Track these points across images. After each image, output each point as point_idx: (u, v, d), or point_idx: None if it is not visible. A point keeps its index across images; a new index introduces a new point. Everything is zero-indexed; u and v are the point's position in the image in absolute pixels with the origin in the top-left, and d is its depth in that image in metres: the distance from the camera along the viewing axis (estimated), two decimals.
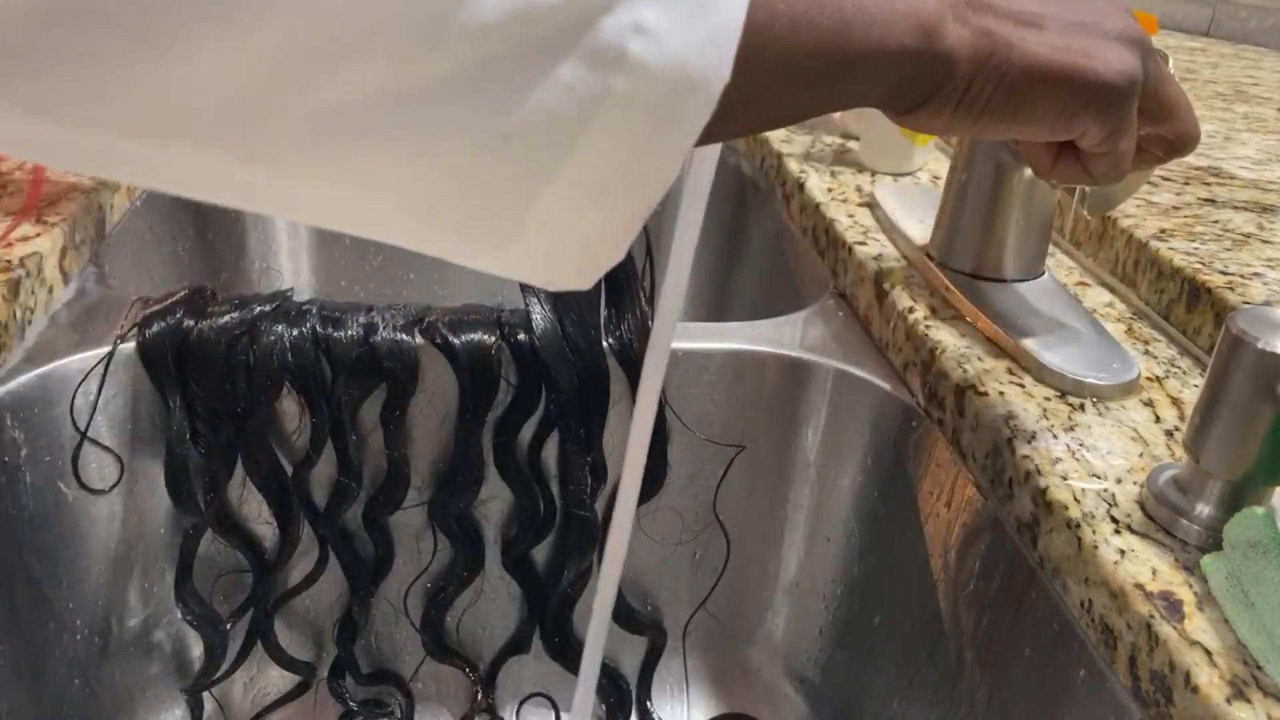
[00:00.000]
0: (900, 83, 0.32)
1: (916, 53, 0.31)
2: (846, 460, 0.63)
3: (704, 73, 0.24)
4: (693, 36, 0.23)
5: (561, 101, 0.23)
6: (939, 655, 0.54)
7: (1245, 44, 1.38)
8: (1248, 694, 0.34)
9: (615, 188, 0.25)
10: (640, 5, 0.22)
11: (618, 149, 0.24)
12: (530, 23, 0.22)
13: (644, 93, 0.23)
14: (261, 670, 0.65)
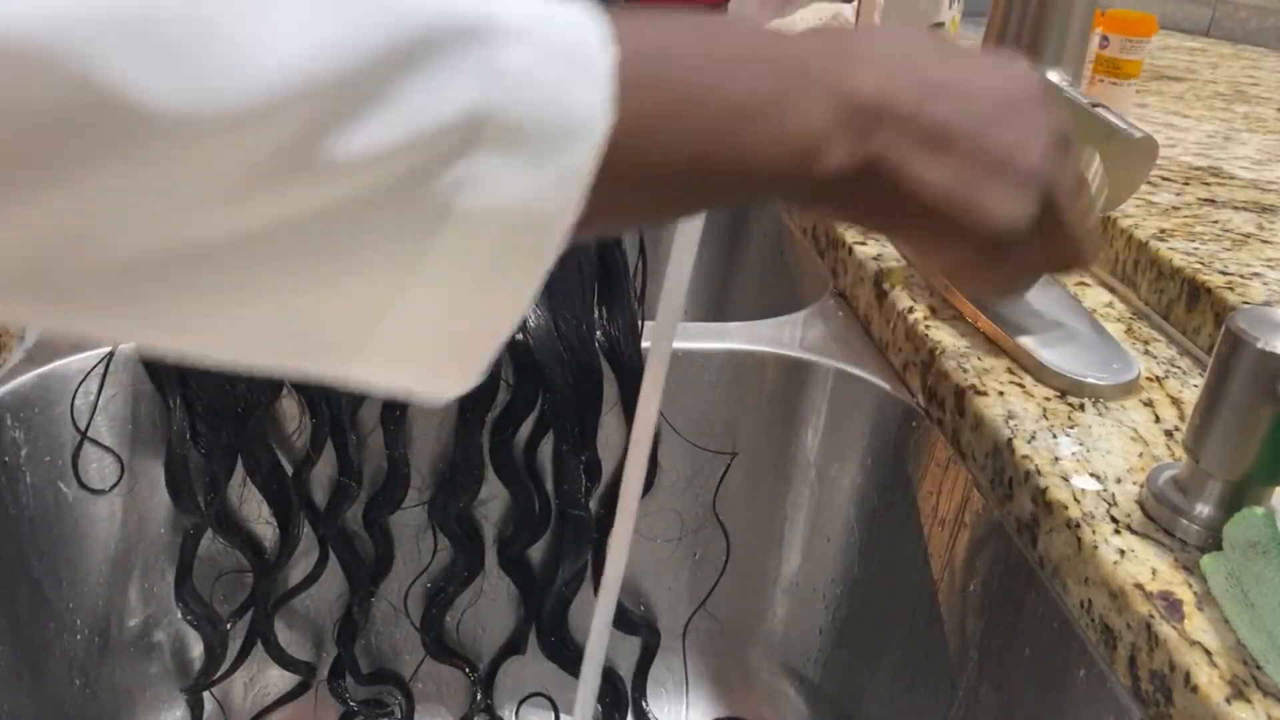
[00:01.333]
0: (776, 192, 0.31)
1: (789, 175, 0.30)
2: (846, 460, 0.63)
3: (548, 215, 0.23)
4: (537, 180, 0.23)
5: (390, 255, 0.22)
6: (939, 655, 0.54)
7: (1245, 44, 1.38)
8: (1247, 694, 0.34)
9: (455, 322, 0.25)
10: (481, 156, 0.22)
11: (450, 292, 0.24)
12: (366, 173, 0.21)
13: (476, 239, 0.23)
14: (261, 670, 0.65)
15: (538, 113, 0.22)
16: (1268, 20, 1.38)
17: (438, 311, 0.24)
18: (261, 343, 0.24)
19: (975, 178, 0.33)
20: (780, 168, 0.30)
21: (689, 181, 0.28)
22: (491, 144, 0.22)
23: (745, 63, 0.28)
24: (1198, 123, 0.91)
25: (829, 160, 0.30)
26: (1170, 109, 0.96)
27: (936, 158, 0.32)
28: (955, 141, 0.32)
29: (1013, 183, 0.33)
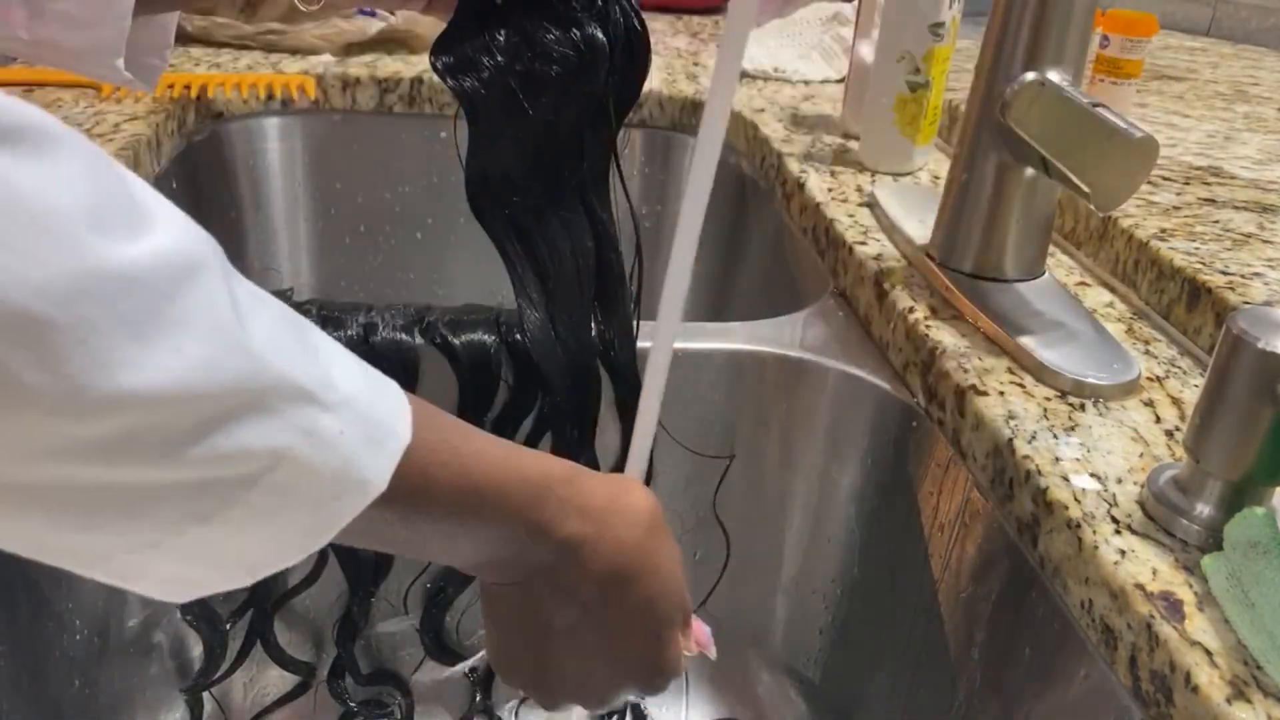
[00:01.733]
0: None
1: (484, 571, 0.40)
2: (846, 460, 0.63)
3: (303, 539, 0.30)
4: (302, 515, 0.29)
5: (167, 526, 0.27)
6: (939, 655, 0.54)
7: (1245, 44, 1.38)
8: (1248, 694, 0.34)
9: (199, 576, 0.30)
10: (267, 484, 0.27)
11: (205, 554, 0.29)
12: (183, 469, 0.26)
13: (234, 542, 0.28)
14: (261, 670, 0.65)
15: (328, 468, 0.28)
16: (1268, 20, 1.38)
17: (188, 568, 0.29)
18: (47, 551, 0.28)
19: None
20: (476, 568, 0.39)
21: (414, 547, 0.36)
22: (283, 478, 0.27)
23: (491, 485, 0.35)
24: (1198, 122, 0.91)
25: (499, 579, 0.39)
26: (1171, 109, 0.96)
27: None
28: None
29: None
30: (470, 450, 0.34)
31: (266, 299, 0.28)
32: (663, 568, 0.40)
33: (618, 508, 0.39)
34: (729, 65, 0.40)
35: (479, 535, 0.36)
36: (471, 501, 0.34)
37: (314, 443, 0.27)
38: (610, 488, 0.39)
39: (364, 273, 0.99)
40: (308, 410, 0.27)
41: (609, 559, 0.38)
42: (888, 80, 0.77)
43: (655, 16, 1.37)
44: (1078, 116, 0.51)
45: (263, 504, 0.27)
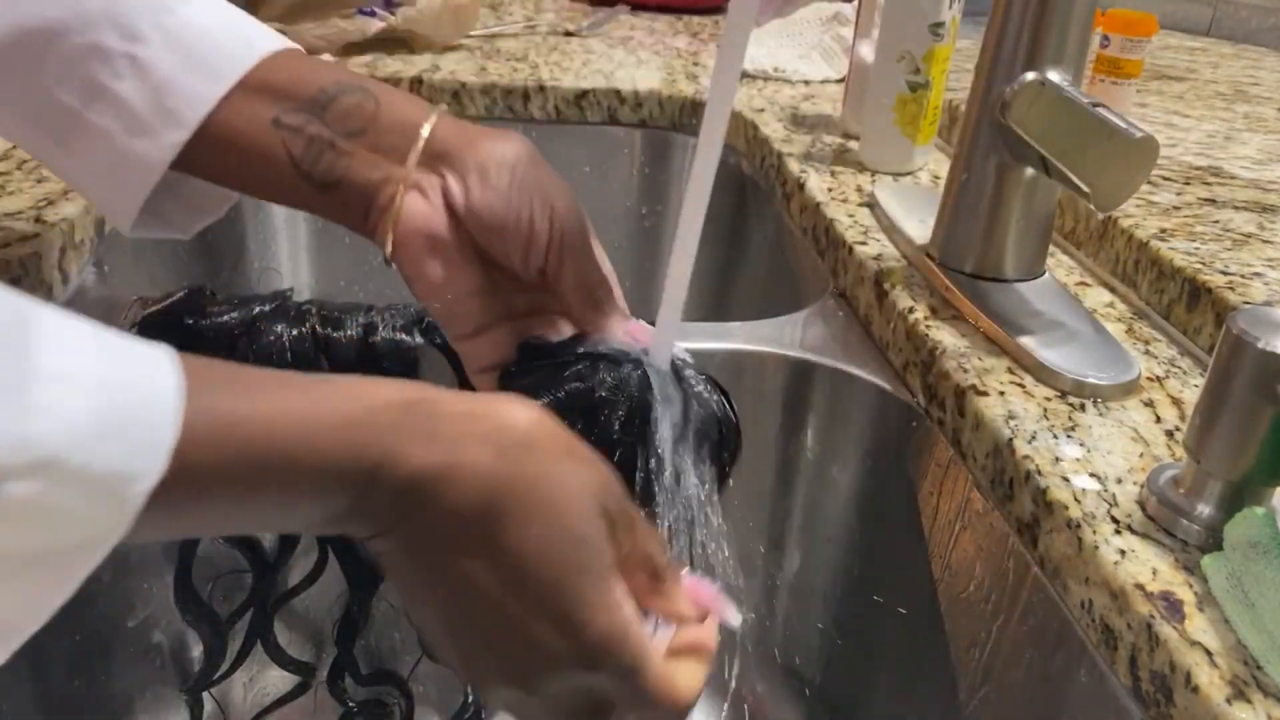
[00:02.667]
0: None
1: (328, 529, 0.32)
2: (846, 460, 0.63)
3: (87, 543, 0.26)
4: (81, 519, 0.25)
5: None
6: (939, 655, 0.54)
7: (1246, 44, 1.38)
8: (1248, 694, 0.34)
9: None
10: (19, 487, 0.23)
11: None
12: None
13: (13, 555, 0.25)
14: (261, 671, 0.65)
15: (25, 544, 0.24)
16: (1268, 20, 1.38)
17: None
18: None
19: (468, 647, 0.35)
20: (315, 527, 0.32)
21: (234, 528, 0.33)
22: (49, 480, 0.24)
23: (293, 446, 0.30)
24: (1198, 122, 0.91)
25: (359, 534, 0.32)
26: (1171, 109, 0.96)
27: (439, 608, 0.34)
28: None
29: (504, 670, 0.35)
30: (261, 418, 0.29)
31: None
32: (553, 499, 0.32)
33: (477, 428, 0.32)
34: (729, 65, 0.40)
35: (305, 501, 0.30)
36: (277, 474, 0.29)
37: (85, 438, 0.24)
38: (470, 404, 0.33)
39: (364, 273, 0.99)
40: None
41: (468, 492, 0.31)
42: (888, 80, 0.77)
43: (655, 16, 1.37)
44: (1078, 116, 0.51)
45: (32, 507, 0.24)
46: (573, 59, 1.10)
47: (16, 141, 0.47)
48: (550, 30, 1.24)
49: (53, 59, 0.42)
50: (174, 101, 0.43)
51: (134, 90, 0.43)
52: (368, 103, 0.45)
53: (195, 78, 0.43)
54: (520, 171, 0.44)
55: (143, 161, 0.43)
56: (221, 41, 0.44)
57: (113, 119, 0.43)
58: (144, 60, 0.43)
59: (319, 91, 0.44)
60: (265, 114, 0.44)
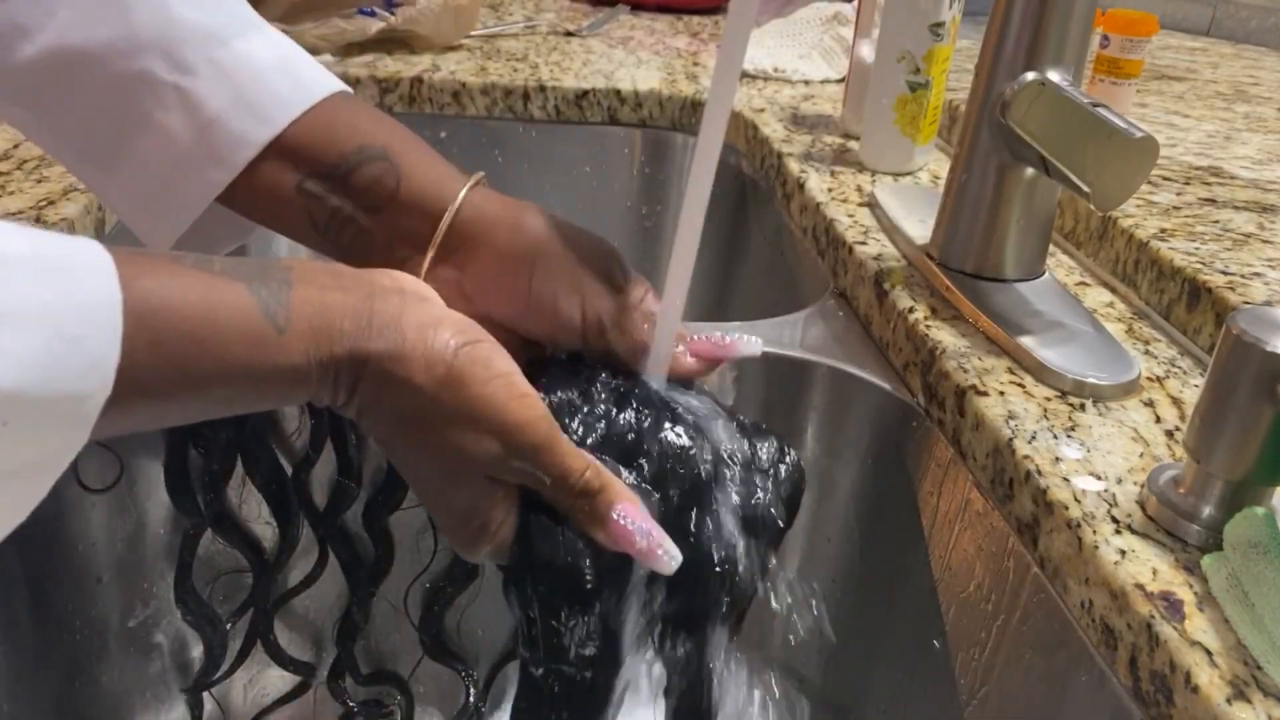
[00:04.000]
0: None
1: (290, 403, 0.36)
2: (846, 460, 0.63)
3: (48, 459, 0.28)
4: (37, 443, 0.27)
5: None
6: (939, 655, 0.54)
7: (1246, 44, 1.38)
8: (1248, 694, 0.34)
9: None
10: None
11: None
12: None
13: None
14: (261, 670, 0.65)
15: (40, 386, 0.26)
16: (1269, 20, 1.38)
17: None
18: None
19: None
20: (277, 403, 0.35)
21: (195, 409, 0.33)
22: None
23: (241, 323, 0.32)
24: (1198, 122, 0.91)
25: (322, 403, 0.36)
26: (1171, 109, 0.96)
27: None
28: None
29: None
30: (202, 318, 0.31)
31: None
32: (447, 460, 0.37)
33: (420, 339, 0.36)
34: (729, 65, 0.40)
35: (265, 392, 0.34)
36: (220, 378, 0.32)
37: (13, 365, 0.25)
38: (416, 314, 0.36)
39: None
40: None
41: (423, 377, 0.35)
42: (888, 80, 0.77)
43: (655, 16, 1.37)
44: (1078, 116, 0.51)
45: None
46: (573, 59, 1.10)
47: (64, 164, 0.46)
48: (550, 30, 1.24)
49: (99, 81, 0.41)
50: (220, 141, 0.42)
51: (180, 124, 0.42)
52: (389, 177, 0.43)
53: (243, 118, 0.42)
54: (545, 267, 0.43)
55: (183, 197, 0.43)
56: (272, 82, 0.43)
57: (156, 151, 0.42)
58: (192, 94, 0.42)
59: (340, 159, 0.43)
60: (290, 179, 0.43)
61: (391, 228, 0.44)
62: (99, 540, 0.58)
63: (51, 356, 0.26)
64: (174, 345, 0.30)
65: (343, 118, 0.44)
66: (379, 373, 0.35)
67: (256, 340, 0.32)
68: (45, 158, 0.69)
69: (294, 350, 0.33)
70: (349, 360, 0.35)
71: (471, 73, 1.00)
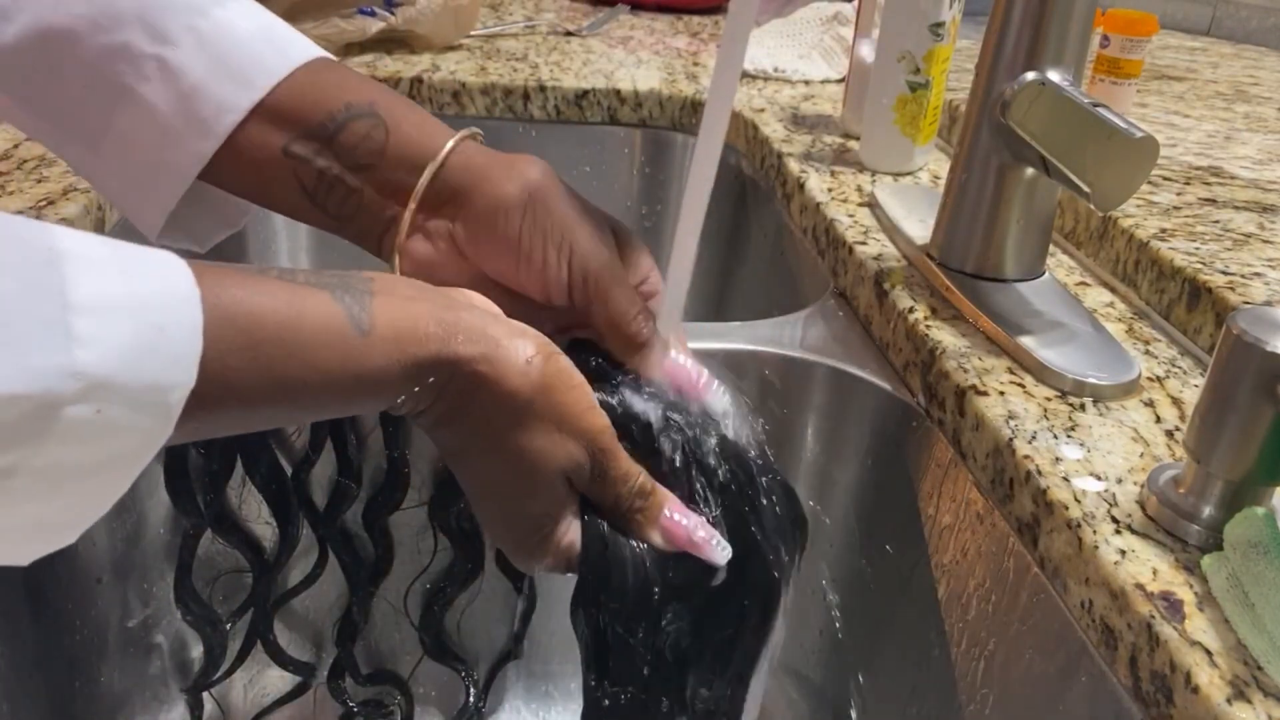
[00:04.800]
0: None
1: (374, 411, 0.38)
2: (846, 460, 0.63)
3: (133, 454, 0.29)
4: (123, 437, 0.28)
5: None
6: (939, 655, 0.54)
7: (1246, 44, 1.38)
8: (1248, 694, 0.34)
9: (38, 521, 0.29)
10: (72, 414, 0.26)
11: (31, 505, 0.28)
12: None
13: (66, 466, 0.28)
14: (261, 670, 0.65)
15: (86, 455, 0.27)
16: (1269, 20, 1.38)
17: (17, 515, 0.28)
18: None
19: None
20: (361, 409, 0.36)
21: (281, 413, 0.34)
22: (21, 485, 0.27)
23: (329, 334, 0.33)
24: (1198, 122, 0.91)
25: (400, 411, 0.36)
26: (1171, 109, 0.96)
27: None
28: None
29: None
30: (290, 343, 0.32)
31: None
32: (519, 468, 0.38)
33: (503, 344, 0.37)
34: (729, 65, 0.40)
35: (340, 396, 0.34)
36: (304, 387, 0.33)
37: (58, 440, 0.26)
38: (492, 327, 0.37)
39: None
40: (38, 419, 0.26)
41: (516, 380, 0.36)
42: (888, 80, 0.77)
43: (655, 16, 1.37)
44: (1078, 116, 0.51)
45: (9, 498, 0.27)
46: (573, 59, 1.10)
47: (50, 148, 0.46)
48: (550, 30, 1.24)
49: (79, 59, 0.41)
50: (203, 109, 0.42)
51: (162, 95, 0.41)
52: (376, 132, 0.43)
53: (226, 85, 0.42)
54: (534, 213, 0.42)
55: (169, 170, 0.43)
56: (255, 49, 0.43)
57: (139, 124, 0.42)
58: (173, 64, 0.41)
59: (328, 117, 0.43)
60: (276, 141, 0.43)
61: (380, 184, 0.43)
62: (99, 540, 0.58)
63: (138, 346, 0.27)
64: (261, 348, 0.31)
65: (328, 79, 0.44)
66: (471, 376, 0.36)
67: (342, 345, 0.33)
68: (45, 157, 0.69)
69: (378, 354, 0.34)
70: (434, 364, 0.35)
71: (471, 73, 1.00)
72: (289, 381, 0.32)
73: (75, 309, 0.26)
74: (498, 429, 0.37)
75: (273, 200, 0.45)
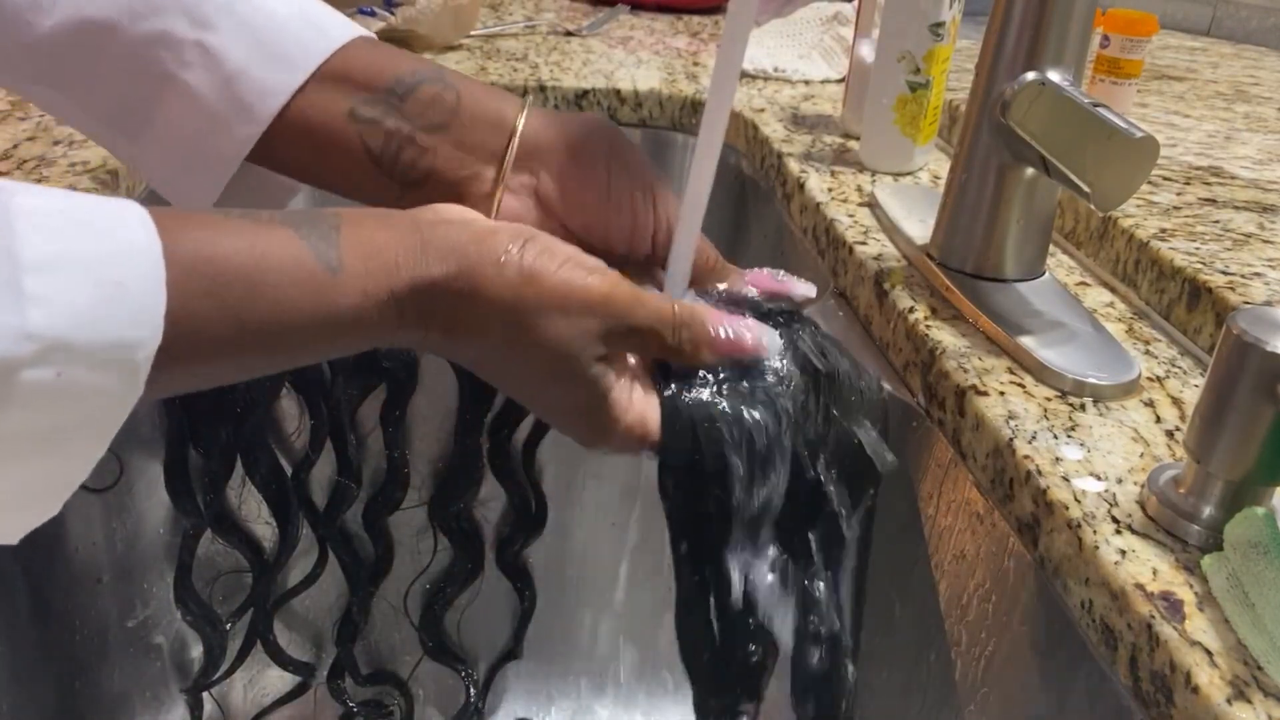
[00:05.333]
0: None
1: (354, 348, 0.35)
2: None
3: (103, 412, 0.28)
4: (93, 392, 0.27)
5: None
6: (939, 655, 0.54)
7: (1246, 44, 1.38)
8: (1248, 694, 0.34)
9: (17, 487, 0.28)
10: (30, 375, 0.25)
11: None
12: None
13: (37, 424, 0.27)
14: (261, 671, 0.65)
15: (49, 419, 0.26)
16: (1269, 20, 1.38)
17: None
18: None
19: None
20: (343, 350, 0.35)
21: (257, 362, 0.33)
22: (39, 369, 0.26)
23: (293, 268, 0.32)
24: (1198, 122, 0.91)
25: (394, 343, 0.35)
26: (1171, 109, 0.96)
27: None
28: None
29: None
30: (246, 258, 0.31)
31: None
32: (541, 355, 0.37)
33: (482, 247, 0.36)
34: (729, 65, 0.40)
35: (317, 338, 0.33)
36: (269, 335, 0.32)
37: (19, 405, 0.25)
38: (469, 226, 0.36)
39: None
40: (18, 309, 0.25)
41: (500, 286, 0.35)
42: (888, 80, 0.77)
43: (655, 16, 1.37)
44: (1078, 116, 0.51)
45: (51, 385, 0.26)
46: (573, 59, 1.10)
47: (94, 138, 0.45)
48: (550, 30, 1.24)
49: (119, 47, 0.41)
50: (246, 93, 0.41)
51: (204, 80, 0.41)
52: (448, 94, 0.43)
53: (268, 68, 0.41)
54: (620, 164, 0.43)
55: (215, 156, 0.42)
56: (295, 30, 0.42)
57: (183, 111, 0.42)
58: (214, 48, 0.41)
59: (395, 81, 0.42)
60: (341, 106, 0.42)
61: (457, 142, 0.43)
62: (99, 540, 0.58)
63: (96, 302, 0.26)
64: (227, 293, 0.30)
65: (384, 51, 0.44)
66: (450, 294, 0.35)
67: (311, 282, 0.32)
68: (45, 157, 0.69)
69: (351, 290, 0.33)
70: (411, 292, 0.34)
71: (471, 72, 1.00)
72: (260, 327, 0.31)
73: (27, 267, 0.25)
74: (502, 336, 0.36)
75: (329, 169, 0.44)
